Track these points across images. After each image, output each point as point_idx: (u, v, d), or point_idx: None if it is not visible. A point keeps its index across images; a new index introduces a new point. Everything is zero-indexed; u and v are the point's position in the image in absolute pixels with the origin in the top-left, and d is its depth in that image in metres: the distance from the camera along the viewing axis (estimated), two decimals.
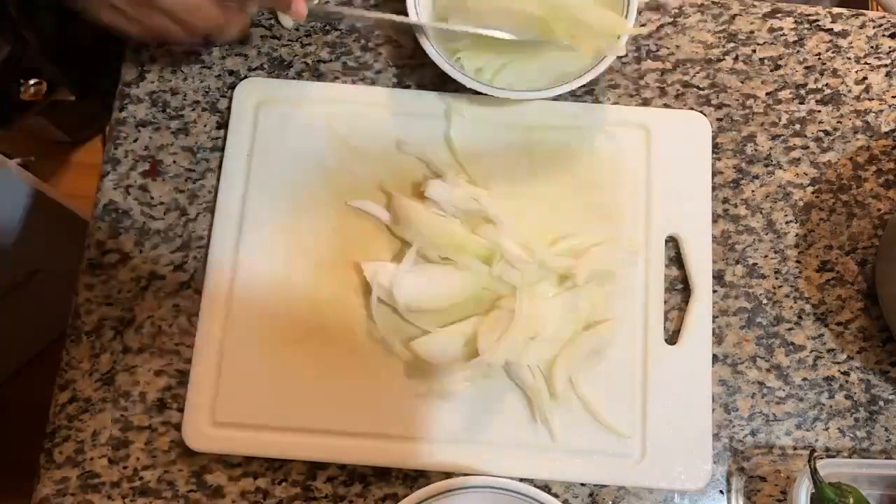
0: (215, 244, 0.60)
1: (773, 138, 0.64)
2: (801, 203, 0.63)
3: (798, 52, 0.66)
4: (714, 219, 0.62)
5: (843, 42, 0.67)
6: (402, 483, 0.57)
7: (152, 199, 0.62)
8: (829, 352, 0.60)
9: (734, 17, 0.67)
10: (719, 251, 0.62)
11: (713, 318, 0.60)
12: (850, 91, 0.66)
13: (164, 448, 0.57)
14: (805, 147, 0.64)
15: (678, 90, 0.65)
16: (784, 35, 0.67)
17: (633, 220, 0.61)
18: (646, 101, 0.65)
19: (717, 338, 0.60)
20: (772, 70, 0.66)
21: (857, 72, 0.66)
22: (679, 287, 0.61)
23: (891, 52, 0.67)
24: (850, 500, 0.51)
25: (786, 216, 0.63)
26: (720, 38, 0.66)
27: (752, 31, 0.67)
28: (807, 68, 0.66)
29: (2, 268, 0.94)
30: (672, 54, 0.66)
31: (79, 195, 1.07)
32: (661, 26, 0.67)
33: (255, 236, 0.60)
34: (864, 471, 0.54)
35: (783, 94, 0.65)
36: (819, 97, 0.65)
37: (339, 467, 0.57)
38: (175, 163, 0.63)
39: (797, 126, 0.65)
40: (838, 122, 0.65)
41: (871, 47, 0.67)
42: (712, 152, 0.63)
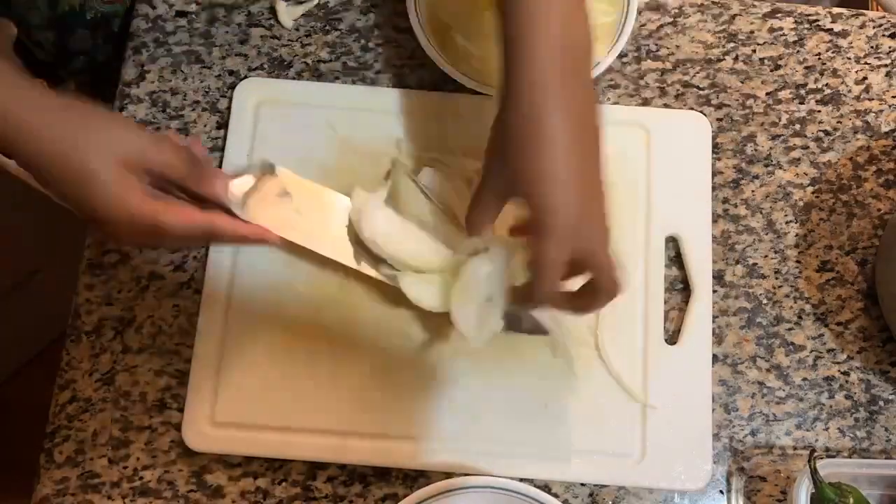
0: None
1: (773, 138, 0.64)
2: (801, 203, 0.63)
3: (798, 52, 0.66)
4: (714, 219, 0.62)
5: (843, 42, 0.67)
6: (402, 483, 0.57)
7: None
8: (829, 352, 0.60)
9: (734, 17, 0.67)
10: (719, 251, 0.62)
11: (713, 318, 0.60)
12: (850, 91, 0.66)
13: (164, 448, 0.57)
14: (805, 147, 0.64)
15: (678, 90, 0.65)
16: (784, 35, 0.67)
17: (632, 220, 0.61)
18: (646, 101, 0.65)
19: (717, 338, 0.60)
20: (772, 70, 0.66)
21: (857, 72, 0.66)
22: (679, 287, 0.61)
23: (891, 52, 0.67)
24: (850, 500, 0.51)
25: (786, 216, 0.63)
26: (720, 38, 0.66)
27: (752, 31, 0.67)
28: (807, 68, 0.66)
29: (2, 268, 0.94)
30: (672, 54, 0.66)
31: None
32: (661, 26, 0.67)
33: None
34: (864, 471, 0.54)
35: (783, 94, 0.65)
36: (819, 97, 0.65)
37: (339, 467, 0.57)
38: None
39: (797, 126, 0.65)
40: (838, 122, 0.65)
41: (871, 47, 0.67)
42: (712, 152, 0.63)
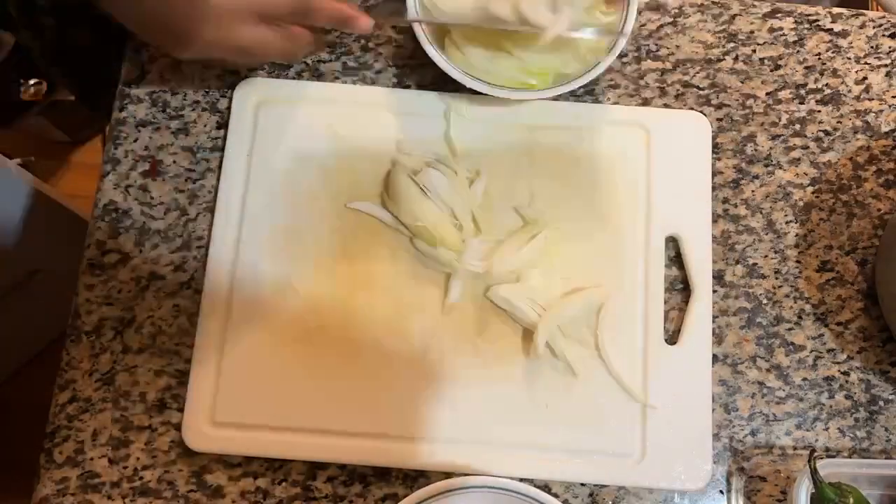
0: (215, 244, 0.60)
1: (773, 138, 0.64)
2: (801, 203, 0.63)
3: (798, 52, 0.66)
4: (714, 219, 0.62)
5: (843, 42, 0.67)
6: (402, 483, 0.57)
7: (152, 199, 0.62)
8: (829, 352, 0.60)
9: (734, 17, 0.67)
10: (719, 251, 0.62)
11: (713, 318, 0.60)
12: (850, 91, 0.66)
13: (164, 448, 0.57)
14: (805, 147, 0.64)
15: (678, 90, 0.65)
16: (784, 35, 0.67)
17: (632, 220, 0.61)
18: (646, 101, 0.65)
19: (717, 338, 0.60)
20: (772, 70, 0.66)
21: (857, 72, 0.66)
22: (679, 287, 0.61)
23: (891, 52, 0.67)
24: (850, 500, 0.51)
25: (786, 216, 0.63)
26: (720, 38, 0.66)
27: (752, 31, 0.67)
28: (807, 68, 0.66)
29: (2, 268, 0.94)
30: (672, 54, 0.66)
31: (79, 195, 1.07)
32: (661, 26, 0.66)
33: (255, 236, 0.60)
34: (864, 471, 0.54)
35: (783, 94, 0.65)
36: (819, 97, 0.65)
37: (339, 467, 0.57)
38: (175, 163, 0.63)
39: (797, 126, 0.65)
40: (838, 122, 0.65)
41: (871, 47, 0.67)
42: (712, 152, 0.63)
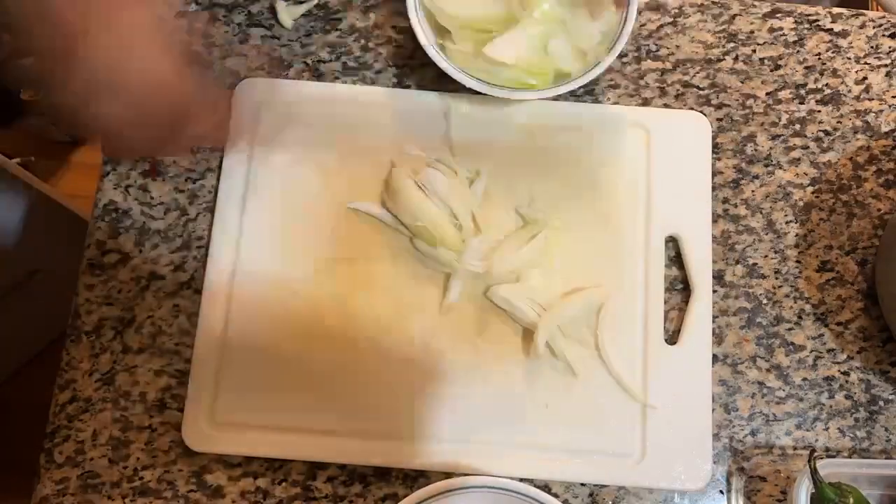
0: (215, 244, 0.60)
1: (773, 138, 0.64)
2: (801, 203, 0.63)
3: (798, 52, 0.66)
4: (714, 219, 0.62)
5: (843, 42, 0.67)
6: (402, 483, 0.57)
7: (152, 199, 0.62)
8: (829, 352, 0.60)
9: (734, 17, 0.67)
10: (719, 251, 0.62)
11: (713, 318, 0.60)
12: (850, 91, 0.66)
13: (164, 448, 0.57)
14: (805, 147, 0.64)
15: (678, 90, 0.65)
16: (784, 35, 0.67)
17: (632, 220, 0.61)
18: (646, 101, 0.65)
19: (717, 338, 0.60)
20: (772, 70, 0.66)
21: (857, 72, 0.66)
22: (679, 287, 0.61)
23: (891, 52, 0.67)
24: (850, 500, 0.51)
25: (786, 216, 0.63)
26: (720, 38, 0.66)
27: (752, 31, 0.67)
28: (807, 68, 0.66)
29: (2, 268, 0.93)
30: (672, 54, 0.66)
31: (79, 195, 1.07)
32: (661, 26, 0.66)
33: (255, 236, 0.60)
34: (864, 471, 0.54)
35: (783, 94, 0.65)
36: (819, 97, 0.65)
37: (339, 467, 0.57)
38: (175, 163, 0.63)
39: (797, 126, 0.65)
40: (838, 122, 0.65)
41: (871, 47, 0.67)
42: (712, 152, 0.63)
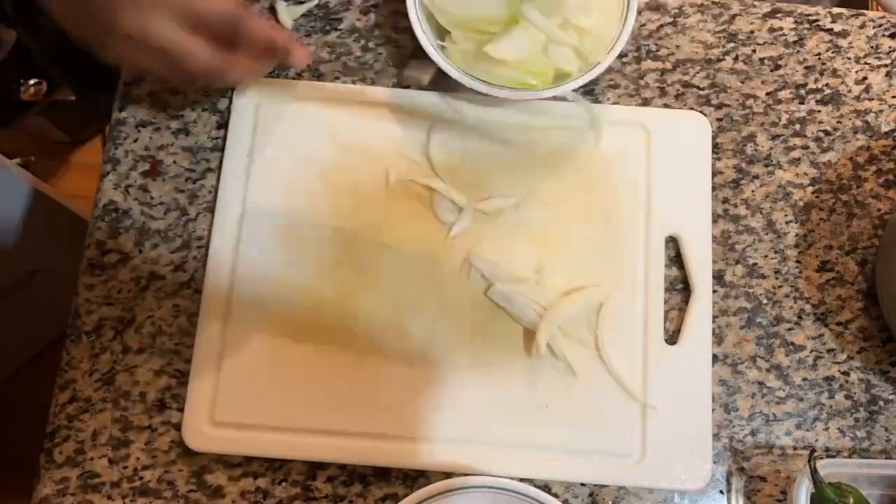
0: (215, 244, 0.60)
1: (773, 138, 0.64)
2: (801, 203, 0.63)
3: (798, 52, 0.66)
4: (714, 219, 0.62)
5: (843, 42, 0.67)
6: (402, 483, 0.57)
7: (152, 199, 0.62)
8: (829, 352, 0.60)
9: (734, 17, 0.67)
10: (719, 251, 0.62)
11: (713, 318, 0.60)
12: (850, 91, 0.66)
13: (164, 448, 0.57)
14: (805, 147, 0.64)
15: (678, 90, 0.65)
16: (784, 35, 0.67)
17: (632, 219, 0.61)
18: (646, 101, 0.65)
19: (717, 338, 0.60)
20: (772, 70, 0.66)
21: (857, 72, 0.66)
22: (679, 287, 0.61)
23: (891, 52, 0.67)
24: (850, 500, 0.51)
25: (786, 216, 0.63)
26: (720, 38, 0.66)
27: (752, 31, 0.67)
28: (807, 68, 0.66)
29: (2, 268, 0.94)
30: (672, 54, 0.66)
31: (79, 195, 1.07)
32: (661, 26, 0.66)
33: (255, 236, 0.60)
34: (864, 471, 0.54)
35: (783, 94, 0.65)
36: (819, 97, 0.65)
37: (339, 467, 0.57)
38: (175, 163, 0.63)
39: (797, 126, 0.65)
40: (838, 122, 0.65)
41: (871, 47, 0.67)
42: (712, 152, 0.63)
